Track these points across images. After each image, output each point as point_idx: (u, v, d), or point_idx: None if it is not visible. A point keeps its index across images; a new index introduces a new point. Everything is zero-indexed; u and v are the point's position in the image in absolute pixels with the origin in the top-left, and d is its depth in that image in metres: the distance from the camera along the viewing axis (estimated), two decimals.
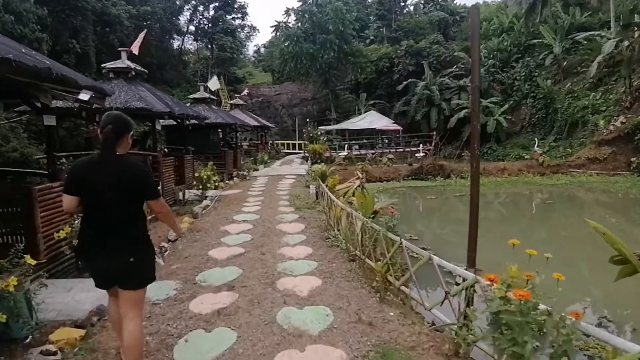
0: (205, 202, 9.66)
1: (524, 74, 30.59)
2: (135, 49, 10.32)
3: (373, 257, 4.93)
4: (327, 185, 8.93)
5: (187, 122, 10.69)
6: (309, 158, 19.27)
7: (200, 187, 10.19)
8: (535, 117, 28.64)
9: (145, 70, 9.82)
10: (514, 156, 26.06)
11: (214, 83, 21.10)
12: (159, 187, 7.48)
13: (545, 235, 9.85)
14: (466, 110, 28.99)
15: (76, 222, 4.48)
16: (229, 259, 5.57)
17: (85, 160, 2.61)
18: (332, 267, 5.11)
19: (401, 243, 4.24)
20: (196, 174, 10.54)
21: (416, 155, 19.60)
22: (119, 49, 9.63)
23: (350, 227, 5.75)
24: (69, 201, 2.52)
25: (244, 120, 20.13)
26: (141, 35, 12.16)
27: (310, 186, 10.75)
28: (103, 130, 2.51)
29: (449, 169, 17.85)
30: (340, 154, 19.52)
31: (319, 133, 24.68)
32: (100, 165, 2.50)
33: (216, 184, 10.91)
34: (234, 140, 17.47)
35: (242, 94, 29.00)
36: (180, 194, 9.92)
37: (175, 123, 11.35)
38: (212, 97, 15.73)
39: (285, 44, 34.11)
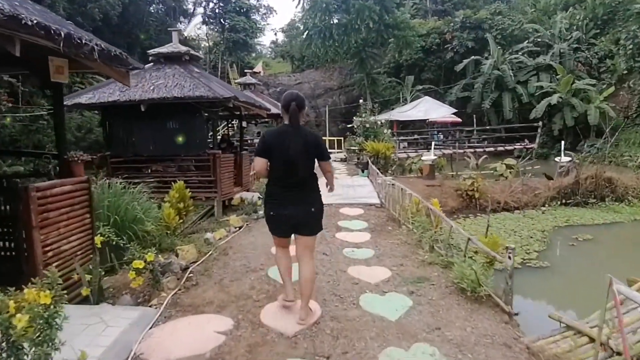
0: None
1: (630, 47, 22.75)
2: None
3: None
4: None
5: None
6: (368, 163, 11.64)
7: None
8: None
9: None
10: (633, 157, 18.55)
11: None
12: None
13: None
14: (559, 94, 21.47)
15: None
16: None
17: (276, 130, 3.33)
18: None
19: None
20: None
21: (558, 161, 11.70)
22: None
23: None
24: (261, 163, 3.14)
25: (259, 102, 12.26)
26: None
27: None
28: (288, 107, 3.09)
29: (622, 186, 10.04)
30: (424, 158, 11.69)
31: (380, 123, 16.78)
32: (291, 133, 3.10)
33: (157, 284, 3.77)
34: (238, 135, 10.00)
35: (255, 69, 21.70)
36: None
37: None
38: (192, 52, 8.29)
39: (312, 15, 26.58)
